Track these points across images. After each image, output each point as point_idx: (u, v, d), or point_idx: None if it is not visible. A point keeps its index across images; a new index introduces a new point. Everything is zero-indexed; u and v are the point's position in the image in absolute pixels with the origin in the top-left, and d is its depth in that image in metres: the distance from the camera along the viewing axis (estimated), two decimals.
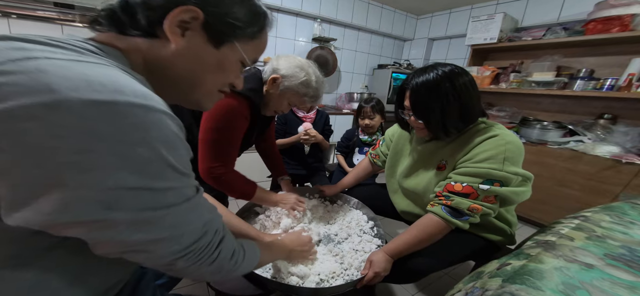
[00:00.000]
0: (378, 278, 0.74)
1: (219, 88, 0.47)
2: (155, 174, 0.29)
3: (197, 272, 0.39)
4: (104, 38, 0.37)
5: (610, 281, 0.43)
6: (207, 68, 0.42)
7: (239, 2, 0.42)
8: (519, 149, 0.75)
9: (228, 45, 0.42)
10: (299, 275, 0.72)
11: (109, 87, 0.26)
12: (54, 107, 0.23)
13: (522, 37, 2.18)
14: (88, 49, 0.32)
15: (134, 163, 0.27)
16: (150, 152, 0.28)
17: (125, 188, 0.27)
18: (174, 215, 0.33)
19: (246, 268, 0.49)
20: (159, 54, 0.38)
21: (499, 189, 0.72)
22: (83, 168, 0.25)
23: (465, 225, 0.76)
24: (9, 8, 1.56)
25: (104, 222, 0.28)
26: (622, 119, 1.80)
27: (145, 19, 0.36)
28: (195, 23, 0.38)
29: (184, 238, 0.35)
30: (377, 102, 1.62)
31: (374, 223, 1.01)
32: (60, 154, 0.24)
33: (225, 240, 0.43)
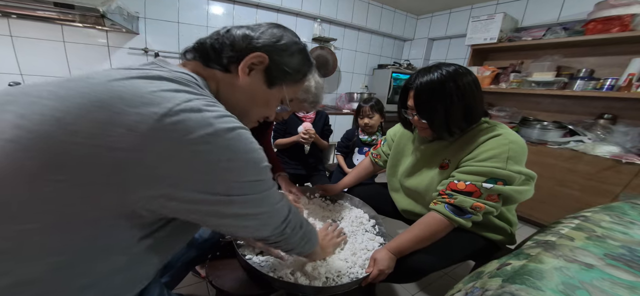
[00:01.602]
0: (382, 275, 0.74)
1: (259, 118, 0.58)
2: (261, 170, 0.41)
3: (289, 242, 0.54)
4: (192, 67, 0.49)
5: (610, 281, 0.43)
6: (258, 102, 0.53)
7: (296, 53, 0.53)
8: (522, 148, 0.75)
9: (278, 87, 0.53)
10: (311, 276, 0.72)
11: (231, 119, 0.39)
12: (214, 135, 0.35)
13: (522, 37, 2.18)
14: (200, 85, 0.44)
15: (252, 164, 0.40)
16: (256, 156, 0.40)
17: (251, 181, 0.40)
18: (273, 194, 0.46)
19: (310, 247, 0.62)
20: (228, 84, 0.50)
21: (502, 188, 0.72)
22: (230, 169, 0.37)
23: (467, 223, 0.76)
24: (9, 8, 1.56)
25: (238, 200, 0.40)
26: (622, 119, 1.80)
27: (228, 58, 0.49)
28: (260, 66, 0.50)
29: (281, 211, 0.49)
30: (376, 101, 1.62)
31: (376, 222, 1.01)
32: (220, 164, 0.36)
33: (297, 217, 0.56)
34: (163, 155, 0.32)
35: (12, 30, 1.74)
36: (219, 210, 0.39)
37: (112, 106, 0.31)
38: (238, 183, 0.38)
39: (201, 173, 0.35)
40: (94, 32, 1.93)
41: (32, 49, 1.81)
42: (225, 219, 0.40)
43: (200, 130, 0.34)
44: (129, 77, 0.35)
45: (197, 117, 0.34)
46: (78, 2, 1.47)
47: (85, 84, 0.33)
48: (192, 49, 0.50)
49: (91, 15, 1.60)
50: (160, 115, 0.32)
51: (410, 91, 0.83)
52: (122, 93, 0.32)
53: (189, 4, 2.18)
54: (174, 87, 0.36)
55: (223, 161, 0.36)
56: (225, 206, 0.39)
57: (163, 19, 2.12)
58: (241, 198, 0.39)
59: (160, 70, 0.39)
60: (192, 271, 1.15)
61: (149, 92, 0.33)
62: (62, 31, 1.85)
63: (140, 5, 2.01)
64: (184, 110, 0.33)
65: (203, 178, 0.35)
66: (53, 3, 1.46)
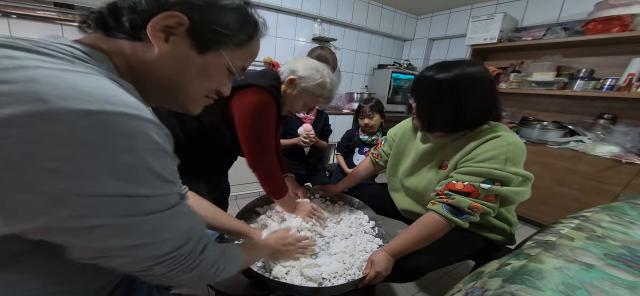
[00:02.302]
0: (379, 277, 0.74)
1: (204, 93, 0.46)
2: (138, 181, 0.30)
3: (176, 279, 0.39)
4: (90, 40, 0.37)
5: (610, 281, 0.43)
6: (191, 73, 0.42)
7: (228, 10, 0.42)
8: (521, 150, 0.75)
9: (213, 52, 0.42)
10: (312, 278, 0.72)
11: (98, 96, 0.27)
12: (44, 117, 0.24)
13: (522, 37, 2.18)
14: (76, 56, 0.32)
15: (117, 170, 0.28)
16: (135, 159, 0.29)
17: (106, 195, 0.28)
18: (154, 222, 0.33)
19: (228, 273, 0.50)
20: (143, 57, 0.38)
21: (499, 188, 0.73)
22: (64, 174, 0.25)
23: (465, 223, 0.76)
24: (9, 8, 1.56)
25: (81, 228, 0.28)
26: (622, 119, 1.80)
27: (130, 22, 0.37)
28: (180, 29, 0.38)
29: (164, 245, 0.35)
30: (376, 101, 1.62)
31: (375, 223, 1.02)
32: (42, 161, 0.24)
33: (207, 248, 0.43)
34: None
35: (12, 30, 1.74)
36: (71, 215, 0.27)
37: None
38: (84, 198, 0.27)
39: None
40: None
41: None
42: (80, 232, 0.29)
43: (22, 106, 0.23)
44: None
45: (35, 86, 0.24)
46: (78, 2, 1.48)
47: None
48: (90, 20, 0.38)
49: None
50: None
51: None
52: None
53: None
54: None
55: (50, 159, 0.25)
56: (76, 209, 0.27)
57: None
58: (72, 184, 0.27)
59: (28, 42, 0.29)
60: None
61: None
62: (62, 31, 1.85)
63: None
64: None
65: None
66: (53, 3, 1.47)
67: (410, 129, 1.03)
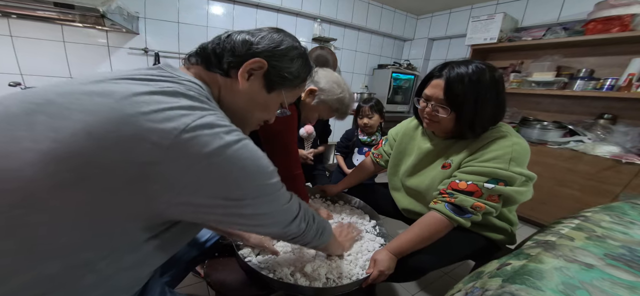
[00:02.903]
0: (382, 276, 0.74)
1: (259, 122, 0.59)
2: (270, 175, 0.45)
3: (305, 237, 0.58)
4: (195, 72, 0.51)
5: (610, 281, 0.43)
6: (257, 107, 0.55)
7: (295, 59, 0.54)
8: (525, 150, 0.75)
9: (276, 92, 0.54)
10: (315, 278, 0.72)
11: (236, 132, 0.42)
12: (225, 146, 0.38)
13: (522, 37, 2.18)
14: (206, 96, 0.46)
15: (261, 170, 0.43)
16: (263, 162, 0.44)
17: (260, 185, 0.43)
18: (283, 194, 0.49)
19: (324, 241, 0.66)
20: (229, 90, 0.51)
21: (503, 188, 0.73)
22: (241, 176, 0.40)
23: (467, 223, 0.76)
24: (9, 8, 1.56)
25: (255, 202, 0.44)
26: (622, 119, 1.80)
27: (228, 64, 0.49)
28: (259, 72, 0.51)
29: (292, 207, 0.52)
30: (376, 101, 1.62)
31: (376, 223, 1.01)
32: (233, 171, 0.39)
33: (314, 215, 0.61)
34: (183, 167, 0.36)
35: (12, 30, 1.74)
36: (233, 212, 0.42)
37: (137, 122, 0.34)
38: (249, 188, 0.42)
39: (216, 181, 0.38)
40: (94, 32, 1.93)
41: (32, 49, 1.81)
42: (239, 219, 0.44)
43: (213, 144, 0.37)
44: (150, 93, 0.38)
45: (209, 133, 0.37)
46: (78, 2, 1.47)
47: (112, 100, 0.35)
48: (195, 54, 0.52)
49: (91, 15, 1.60)
50: (180, 130, 0.35)
51: (433, 80, 0.79)
52: (145, 110, 0.35)
53: (189, 4, 2.18)
54: (189, 104, 0.39)
55: (235, 170, 0.39)
56: (239, 209, 0.42)
57: (163, 19, 2.12)
58: (252, 201, 0.43)
59: (174, 84, 0.41)
60: (192, 271, 1.15)
61: (169, 108, 0.37)
62: (62, 31, 1.85)
63: (140, 5, 2.00)
64: (198, 126, 0.37)
65: (218, 185, 0.39)
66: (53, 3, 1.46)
67: (411, 129, 1.03)
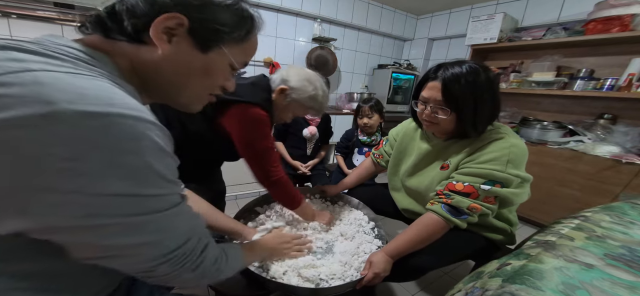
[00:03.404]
0: (377, 279, 0.74)
1: (208, 91, 0.47)
2: (144, 181, 0.31)
3: (179, 278, 0.40)
4: (91, 41, 0.38)
5: (610, 281, 0.43)
6: (195, 72, 0.43)
7: (224, 7, 0.42)
8: (523, 152, 0.75)
9: (215, 50, 0.43)
10: (310, 278, 0.72)
11: (102, 99, 0.28)
12: (50, 118, 0.25)
13: (522, 37, 2.18)
14: (80, 58, 0.33)
15: (123, 171, 0.29)
16: (140, 160, 0.30)
17: (113, 195, 0.29)
18: (159, 221, 0.34)
19: (229, 272, 0.51)
20: (146, 58, 0.39)
21: (499, 190, 0.73)
22: (73, 174, 0.26)
23: (463, 224, 0.76)
24: (9, 8, 1.56)
25: (88, 227, 0.29)
26: (622, 119, 1.80)
27: (131, 26, 0.37)
28: (180, 29, 0.39)
29: (168, 242, 0.36)
30: (375, 101, 1.62)
31: (375, 224, 1.01)
32: (51, 161, 0.25)
33: (209, 247, 0.44)
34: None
35: (12, 30, 1.74)
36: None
37: None
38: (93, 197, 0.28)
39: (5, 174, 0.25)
40: None
41: None
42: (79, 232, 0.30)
43: (30, 108, 0.24)
44: None
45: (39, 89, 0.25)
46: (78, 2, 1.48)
47: None
48: (88, 22, 0.39)
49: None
50: None
51: (428, 82, 0.79)
52: None
53: None
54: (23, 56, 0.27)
55: (60, 159, 0.25)
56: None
57: None
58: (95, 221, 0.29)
59: (34, 44, 0.30)
60: None
61: None
62: (62, 31, 1.85)
63: None
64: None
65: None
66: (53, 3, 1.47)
67: (412, 129, 1.03)
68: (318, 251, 0.87)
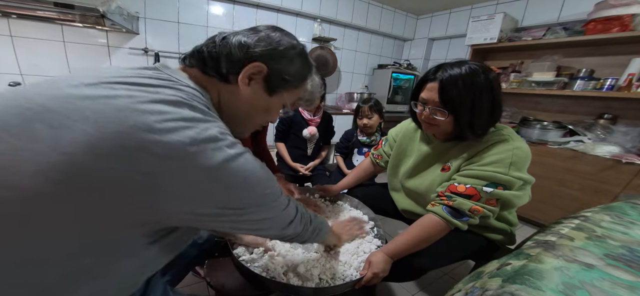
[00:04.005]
0: (377, 279, 0.74)
1: (260, 124, 0.59)
2: (269, 184, 0.46)
3: (303, 236, 0.60)
4: (194, 74, 0.49)
5: (610, 281, 0.43)
6: (259, 110, 0.54)
7: (295, 58, 0.53)
8: (526, 155, 0.75)
9: (278, 94, 0.53)
10: (309, 278, 0.72)
11: (238, 145, 0.42)
12: (229, 161, 0.39)
13: (522, 37, 2.18)
14: (204, 103, 0.44)
15: (261, 181, 0.44)
16: (264, 173, 0.45)
17: (260, 195, 0.45)
18: (281, 199, 0.50)
19: (321, 237, 0.70)
20: (228, 94, 0.50)
21: (501, 192, 0.72)
22: (243, 187, 0.42)
23: (464, 226, 0.76)
24: (9, 8, 1.56)
25: (258, 227, 0.49)
26: (622, 119, 1.80)
27: (226, 69, 0.48)
28: (259, 76, 0.50)
29: (289, 210, 0.53)
30: (375, 102, 1.62)
31: (375, 224, 1.01)
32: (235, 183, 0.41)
33: (307, 211, 0.63)
34: (187, 180, 0.36)
35: (12, 30, 1.74)
36: (234, 219, 0.44)
37: (141, 134, 0.33)
38: (250, 198, 0.43)
39: (220, 193, 0.40)
40: (94, 32, 1.93)
41: (32, 49, 1.81)
42: (240, 225, 0.46)
43: (217, 158, 0.37)
44: (152, 101, 0.37)
45: (213, 147, 0.38)
46: (78, 2, 1.47)
47: (112, 109, 0.34)
48: (190, 56, 0.50)
49: (91, 15, 1.60)
50: (184, 144, 0.35)
51: (427, 84, 0.78)
52: (149, 121, 0.34)
53: (189, 4, 2.18)
54: (192, 115, 0.39)
55: (237, 182, 0.40)
56: (240, 216, 0.44)
57: (163, 19, 2.12)
58: (254, 209, 0.45)
59: (175, 91, 0.40)
60: (192, 271, 1.15)
61: (172, 119, 0.36)
62: (62, 31, 1.85)
63: (140, 5, 2.01)
64: (202, 140, 0.37)
65: (221, 197, 0.40)
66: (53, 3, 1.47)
67: (412, 130, 1.02)
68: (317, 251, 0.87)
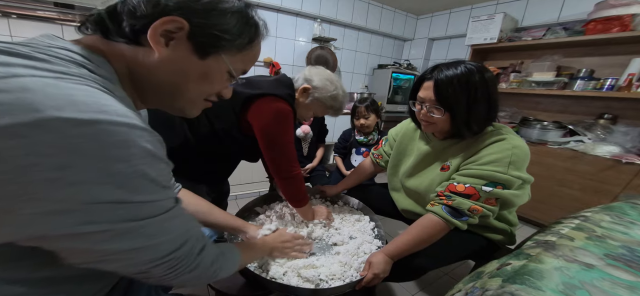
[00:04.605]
0: (377, 279, 0.74)
1: (204, 97, 0.46)
2: (135, 188, 0.30)
3: (175, 279, 0.40)
4: (89, 41, 0.37)
5: (610, 281, 0.43)
6: (191, 78, 0.42)
7: (228, 14, 0.41)
8: (525, 154, 0.75)
9: (214, 57, 0.42)
10: (309, 279, 0.72)
11: (92, 106, 0.27)
12: (37, 126, 0.24)
13: (522, 37, 2.18)
14: (75, 60, 0.32)
15: (114, 178, 0.28)
16: (130, 167, 0.29)
17: (104, 202, 0.28)
18: (152, 226, 0.33)
19: (227, 272, 0.52)
20: (143, 61, 0.39)
21: (500, 192, 0.73)
22: (62, 184, 0.26)
23: (463, 225, 0.76)
24: (9, 8, 1.56)
25: (81, 234, 0.28)
26: (622, 119, 1.80)
27: (130, 27, 0.37)
28: (180, 33, 0.38)
29: (162, 247, 0.36)
30: (371, 101, 1.62)
31: (375, 224, 1.01)
32: (39, 171, 0.24)
33: (206, 249, 0.44)
34: None
35: (12, 30, 1.74)
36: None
37: None
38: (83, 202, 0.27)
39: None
40: None
41: None
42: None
43: (16, 116, 0.23)
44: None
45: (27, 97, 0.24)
46: (78, 2, 1.48)
47: None
48: (89, 22, 0.39)
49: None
50: None
51: (424, 82, 0.80)
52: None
53: None
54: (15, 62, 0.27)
55: (49, 168, 0.25)
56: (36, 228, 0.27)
57: None
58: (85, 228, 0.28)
59: (25, 47, 0.30)
60: None
61: None
62: (62, 31, 1.85)
63: None
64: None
65: None
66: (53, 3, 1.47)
67: (412, 130, 1.02)
68: (317, 252, 0.87)
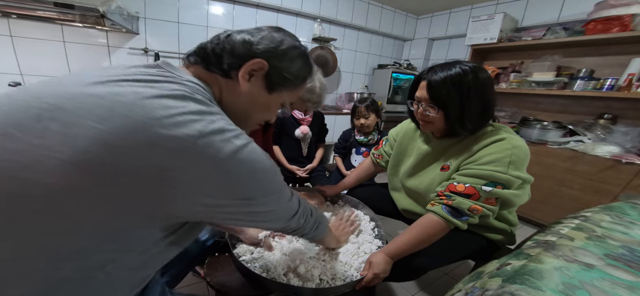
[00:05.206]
0: (377, 279, 0.74)
1: (259, 122, 0.60)
2: (275, 174, 0.47)
3: (302, 231, 0.61)
4: (195, 71, 0.50)
5: (610, 281, 0.43)
6: (259, 108, 0.55)
7: (296, 59, 0.53)
8: (525, 154, 0.75)
9: (278, 92, 0.54)
10: (309, 278, 0.72)
11: (243, 136, 0.43)
12: (236, 152, 0.40)
13: (522, 37, 2.18)
14: (204, 94, 0.45)
15: (267, 171, 0.45)
16: (268, 163, 0.45)
17: (266, 185, 0.46)
18: (285, 193, 0.51)
19: (321, 233, 0.70)
20: (229, 90, 0.51)
21: (500, 191, 0.73)
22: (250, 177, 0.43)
23: (463, 225, 0.76)
24: (9, 8, 1.56)
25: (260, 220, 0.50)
26: (622, 119, 1.80)
27: (228, 65, 0.49)
28: (260, 73, 0.51)
29: (294, 205, 0.55)
30: (371, 101, 1.61)
31: (375, 224, 1.01)
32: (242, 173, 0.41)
33: (313, 211, 0.64)
34: (198, 172, 0.37)
35: (12, 30, 1.74)
36: (242, 210, 0.44)
37: (151, 128, 0.35)
38: (258, 188, 0.44)
39: (229, 184, 0.40)
40: (94, 32, 1.93)
41: (32, 49, 1.81)
42: (247, 216, 0.46)
43: (226, 149, 0.38)
44: (159, 96, 0.38)
45: (221, 138, 0.39)
46: (78, 2, 1.47)
47: (121, 106, 0.35)
48: (194, 53, 0.51)
49: (91, 15, 1.60)
50: (194, 137, 0.36)
51: (421, 82, 0.81)
52: (157, 116, 0.36)
53: (189, 4, 2.18)
54: (198, 108, 0.40)
55: (245, 172, 0.41)
56: (248, 207, 0.44)
57: (163, 19, 2.12)
58: (261, 199, 0.45)
59: (178, 86, 0.41)
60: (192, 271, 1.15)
61: (179, 113, 0.37)
62: (62, 31, 1.85)
63: (140, 5, 2.01)
64: (210, 132, 0.38)
65: (230, 187, 0.41)
66: (53, 3, 1.46)
67: (412, 130, 1.02)
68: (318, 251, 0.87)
